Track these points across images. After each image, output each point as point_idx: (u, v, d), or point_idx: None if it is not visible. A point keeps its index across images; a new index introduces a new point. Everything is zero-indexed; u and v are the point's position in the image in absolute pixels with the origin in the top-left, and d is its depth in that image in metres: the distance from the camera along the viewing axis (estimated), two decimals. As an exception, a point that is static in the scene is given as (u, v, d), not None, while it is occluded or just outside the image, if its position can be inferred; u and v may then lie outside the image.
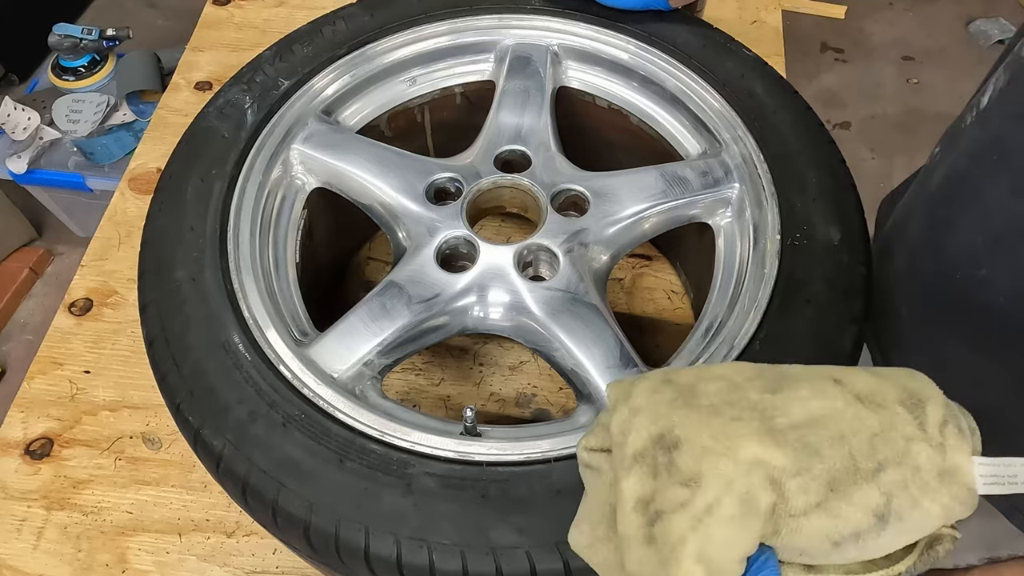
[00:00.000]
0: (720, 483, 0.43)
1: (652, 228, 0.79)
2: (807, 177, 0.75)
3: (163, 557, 0.80)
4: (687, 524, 0.43)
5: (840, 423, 0.45)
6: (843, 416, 0.46)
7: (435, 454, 0.60)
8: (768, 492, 0.43)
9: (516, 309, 0.72)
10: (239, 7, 1.29)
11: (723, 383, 0.47)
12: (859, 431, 0.45)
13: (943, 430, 0.45)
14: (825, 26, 2.58)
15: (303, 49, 0.85)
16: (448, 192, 0.80)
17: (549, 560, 0.54)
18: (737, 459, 0.43)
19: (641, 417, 0.47)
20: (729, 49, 0.85)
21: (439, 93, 0.91)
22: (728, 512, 0.43)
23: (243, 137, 0.78)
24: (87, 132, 1.79)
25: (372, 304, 0.71)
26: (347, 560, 0.56)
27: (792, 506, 0.43)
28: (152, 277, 0.69)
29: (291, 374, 0.64)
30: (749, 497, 0.43)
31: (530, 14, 0.89)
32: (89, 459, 0.86)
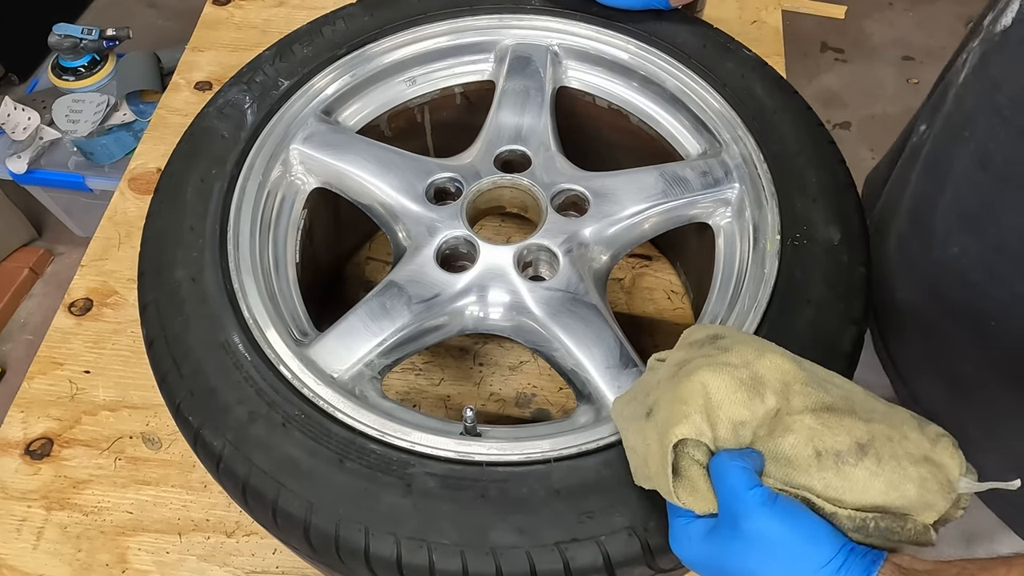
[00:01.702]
0: (743, 357, 0.52)
1: (652, 228, 0.79)
2: (807, 177, 0.74)
3: (163, 557, 0.80)
4: (704, 363, 0.52)
5: (852, 390, 0.53)
6: (856, 390, 0.53)
7: (435, 454, 0.60)
8: (777, 395, 0.50)
9: (516, 309, 0.72)
10: (239, 7, 1.29)
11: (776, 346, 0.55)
12: (864, 401, 0.52)
13: (939, 438, 0.51)
14: (825, 26, 2.58)
15: (303, 49, 0.85)
16: (448, 192, 0.80)
17: (549, 560, 0.54)
18: (762, 355, 0.52)
19: (703, 327, 0.59)
20: (729, 49, 0.85)
21: (439, 93, 0.91)
22: (741, 375, 0.51)
23: (243, 137, 0.78)
24: (87, 132, 1.79)
25: (372, 304, 0.71)
26: (347, 560, 0.56)
27: (792, 406, 0.51)
28: (152, 277, 0.69)
29: (291, 374, 0.64)
30: (761, 380, 0.51)
31: (530, 14, 0.89)
32: (89, 459, 0.86)
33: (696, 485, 0.51)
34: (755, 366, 0.51)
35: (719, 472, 0.50)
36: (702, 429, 0.50)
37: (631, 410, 0.56)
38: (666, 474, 0.51)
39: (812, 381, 0.52)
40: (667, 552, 0.55)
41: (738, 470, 0.49)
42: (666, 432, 0.51)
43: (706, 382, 0.51)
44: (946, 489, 0.49)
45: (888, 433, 0.50)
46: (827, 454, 0.49)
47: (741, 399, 0.50)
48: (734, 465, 0.49)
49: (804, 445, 0.49)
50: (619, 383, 0.67)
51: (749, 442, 0.51)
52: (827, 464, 0.49)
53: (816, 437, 0.49)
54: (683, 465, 0.51)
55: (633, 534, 0.55)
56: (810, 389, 0.51)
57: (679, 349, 0.58)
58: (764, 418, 0.50)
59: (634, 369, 0.68)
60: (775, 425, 0.51)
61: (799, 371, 0.52)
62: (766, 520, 0.47)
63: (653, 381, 0.56)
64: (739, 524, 0.48)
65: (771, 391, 0.51)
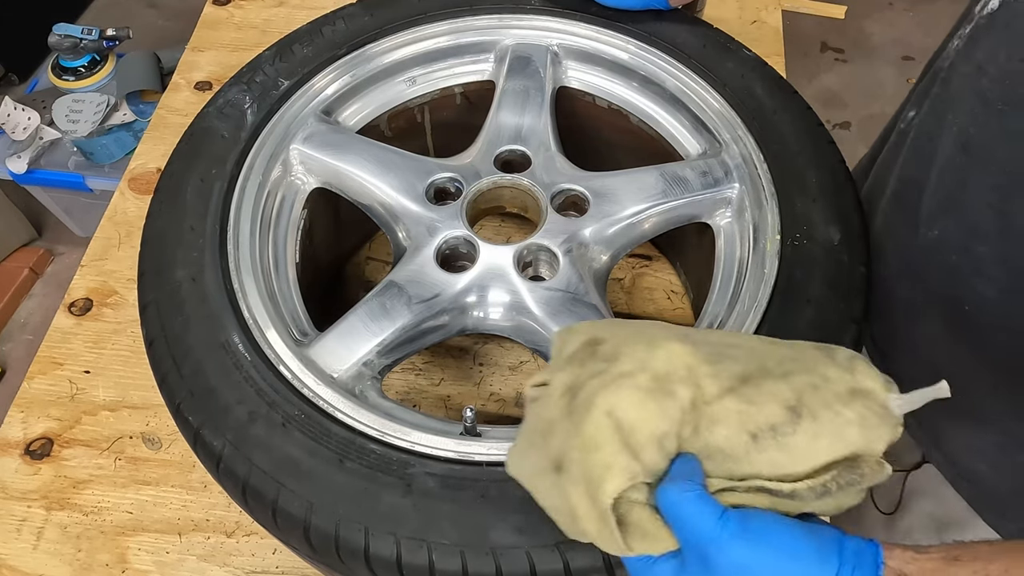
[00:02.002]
0: (636, 361, 0.47)
1: (652, 228, 0.79)
2: (807, 177, 0.74)
3: (163, 557, 0.80)
4: (599, 385, 0.46)
5: (753, 346, 0.50)
6: (756, 343, 0.50)
7: (435, 454, 0.60)
8: (686, 385, 0.46)
9: (516, 309, 0.72)
10: (239, 7, 1.29)
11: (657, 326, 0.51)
12: (771, 353, 0.49)
13: (852, 362, 0.48)
14: (825, 26, 2.58)
15: (303, 49, 0.85)
16: (448, 192, 0.80)
17: (549, 560, 0.54)
18: (655, 347, 0.47)
19: (576, 332, 0.52)
20: (729, 49, 0.85)
21: (439, 93, 0.91)
22: (642, 382, 0.46)
23: (243, 137, 0.78)
24: (87, 132, 1.79)
25: (372, 304, 0.71)
26: (347, 560, 0.56)
27: (707, 393, 0.46)
28: (152, 277, 0.69)
29: (291, 374, 0.64)
30: (665, 377, 0.46)
31: (530, 14, 0.89)
32: (89, 459, 0.86)
33: (645, 529, 0.46)
34: (651, 364, 0.47)
35: (671, 509, 0.45)
36: (632, 470, 0.45)
37: (532, 463, 0.50)
38: (612, 533, 0.46)
39: (714, 357, 0.48)
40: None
41: (692, 501, 0.44)
42: (596, 492, 0.46)
43: (611, 409, 0.46)
44: (882, 416, 0.46)
45: (810, 381, 0.46)
46: (763, 433, 0.45)
47: (653, 411, 0.46)
48: (686, 497, 0.44)
49: (737, 432, 0.45)
50: (619, 383, 0.67)
51: (676, 448, 0.46)
52: (766, 443, 0.45)
53: (745, 419, 0.45)
54: (623, 513, 0.46)
55: (633, 534, 0.55)
56: (718, 367, 0.47)
57: (559, 370, 0.51)
58: (683, 417, 0.46)
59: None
60: (697, 419, 0.46)
61: (697, 351, 0.47)
62: (741, 551, 0.43)
63: (545, 420, 0.50)
64: (710, 561, 0.44)
65: (679, 384, 0.46)
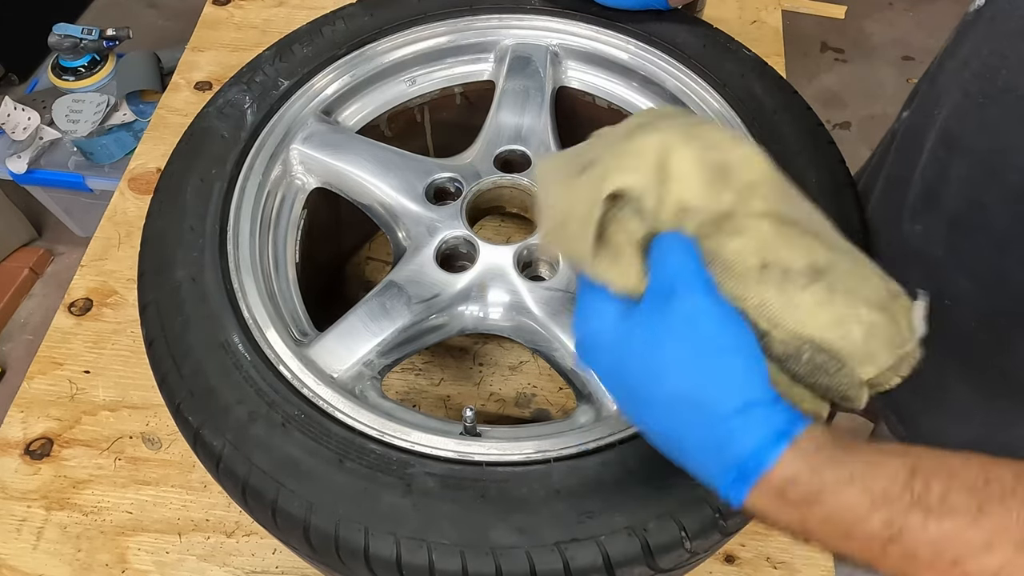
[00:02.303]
0: (716, 138, 0.45)
1: (652, 228, 0.79)
2: (807, 177, 0.74)
3: (163, 557, 0.80)
4: (674, 127, 0.44)
5: (824, 222, 0.47)
6: (828, 224, 0.47)
7: (435, 454, 0.60)
8: (738, 193, 0.43)
9: (516, 309, 0.72)
10: (239, 7, 1.29)
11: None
12: (834, 234, 0.46)
13: (898, 296, 0.46)
14: (825, 26, 2.58)
15: (303, 49, 0.85)
16: (448, 192, 0.80)
17: (549, 560, 0.54)
18: (738, 144, 0.45)
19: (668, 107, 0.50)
20: (729, 49, 0.85)
21: (439, 93, 0.91)
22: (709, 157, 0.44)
23: (243, 137, 0.78)
24: (87, 132, 1.79)
25: (372, 304, 0.71)
26: (347, 560, 0.56)
27: (751, 207, 0.43)
28: (152, 277, 0.69)
29: (291, 374, 0.64)
30: (727, 170, 0.44)
31: (530, 14, 0.89)
32: (89, 459, 0.86)
33: (619, 256, 0.43)
34: (727, 152, 0.44)
35: (663, 249, 0.43)
36: (648, 188, 0.42)
37: (561, 167, 0.47)
38: (587, 232, 0.43)
39: (784, 190, 0.45)
40: (667, 552, 0.55)
41: (688, 249, 0.42)
42: (601, 181, 0.43)
43: (669, 145, 0.43)
44: (894, 344, 0.44)
45: (849, 268, 0.44)
46: (773, 268, 0.42)
47: (699, 181, 0.43)
48: (685, 244, 0.42)
49: (751, 253, 0.43)
50: (619, 383, 0.67)
51: (690, 230, 0.44)
52: (770, 279, 0.42)
53: (767, 247, 0.43)
54: (610, 231, 0.44)
55: (633, 534, 0.55)
56: (778, 196, 0.44)
57: (637, 116, 0.48)
58: (714, 215, 0.43)
59: (634, 369, 0.68)
60: (724, 224, 0.43)
61: (774, 174, 0.45)
62: (708, 306, 0.41)
63: (597, 143, 0.48)
64: (672, 301, 0.41)
65: (732, 187, 0.43)
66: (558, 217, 0.46)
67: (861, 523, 0.39)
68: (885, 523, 0.38)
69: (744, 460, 0.40)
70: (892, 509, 0.38)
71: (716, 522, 0.57)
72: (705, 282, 0.42)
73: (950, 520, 0.37)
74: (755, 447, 0.40)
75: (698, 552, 0.58)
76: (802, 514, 0.40)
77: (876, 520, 0.38)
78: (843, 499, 0.39)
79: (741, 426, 0.41)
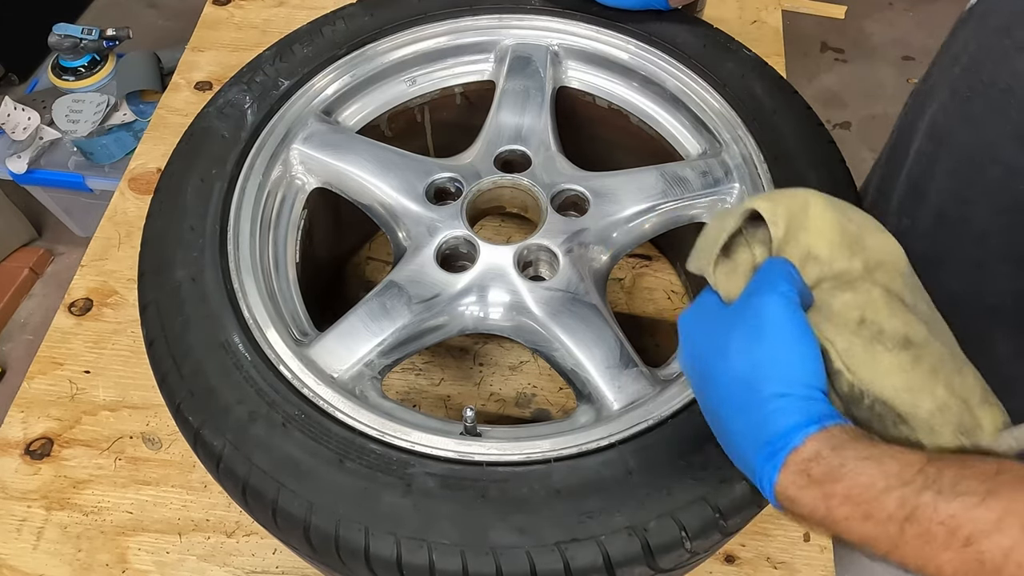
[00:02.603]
0: (861, 220, 0.50)
1: (652, 228, 0.79)
2: (807, 177, 0.74)
3: (163, 557, 0.80)
4: (826, 196, 0.50)
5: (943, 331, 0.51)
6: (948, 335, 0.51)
7: (435, 454, 0.60)
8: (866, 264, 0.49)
9: (516, 309, 0.72)
10: (239, 7, 1.29)
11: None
12: (949, 338, 0.50)
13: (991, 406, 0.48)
14: (825, 26, 2.58)
15: (303, 49, 0.85)
16: (448, 192, 0.80)
17: (549, 560, 0.54)
18: (880, 231, 0.50)
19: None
20: (729, 49, 0.85)
21: (439, 93, 0.91)
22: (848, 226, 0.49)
23: (243, 137, 0.78)
24: (87, 132, 1.79)
25: (372, 304, 0.71)
26: (347, 560, 0.56)
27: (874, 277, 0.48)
28: (152, 277, 0.69)
29: (291, 374, 0.64)
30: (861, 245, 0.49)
31: (530, 14, 0.89)
32: (89, 459, 0.86)
33: (736, 269, 0.50)
34: (866, 231, 0.49)
35: (767, 265, 0.49)
36: (776, 216, 0.48)
37: (728, 208, 0.56)
38: (716, 243, 0.49)
39: (910, 281, 0.49)
40: (667, 552, 0.55)
41: (785, 270, 0.48)
42: (738, 208, 0.49)
43: (814, 203, 0.48)
44: (961, 430, 0.47)
45: (944, 355, 0.48)
46: (870, 325, 0.47)
47: (831, 240, 0.48)
48: (785, 266, 0.48)
49: (854, 307, 0.47)
50: (619, 383, 0.67)
51: (812, 277, 0.49)
52: (863, 333, 0.47)
53: (870, 307, 0.47)
54: (737, 251, 0.50)
55: (633, 534, 0.55)
56: (901, 281, 0.49)
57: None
58: (838, 274, 0.48)
59: (634, 369, 0.68)
60: (842, 283, 0.48)
61: (907, 266, 0.50)
62: (775, 306, 0.46)
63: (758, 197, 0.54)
64: (750, 298, 0.48)
65: (862, 259, 0.48)
66: (702, 240, 0.53)
67: (878, 501, 0.41)
68: (899, 502, 0.40)
69: (777, 438, 0.44)
70: (906, 489, 0.40)
71: (716, 522, 0.57)
72: (786, 290, 0.47)
73: (960, 500, 0.39)
74: (788, 427, 0.44)
75: (698, 552, 0.58)
76: (824, 493, 0.42)
77: (891, 499, 0.40)
78: (861, 477, 0.41)
79: (781, 408, 0.44)
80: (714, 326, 0.50)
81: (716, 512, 0.57)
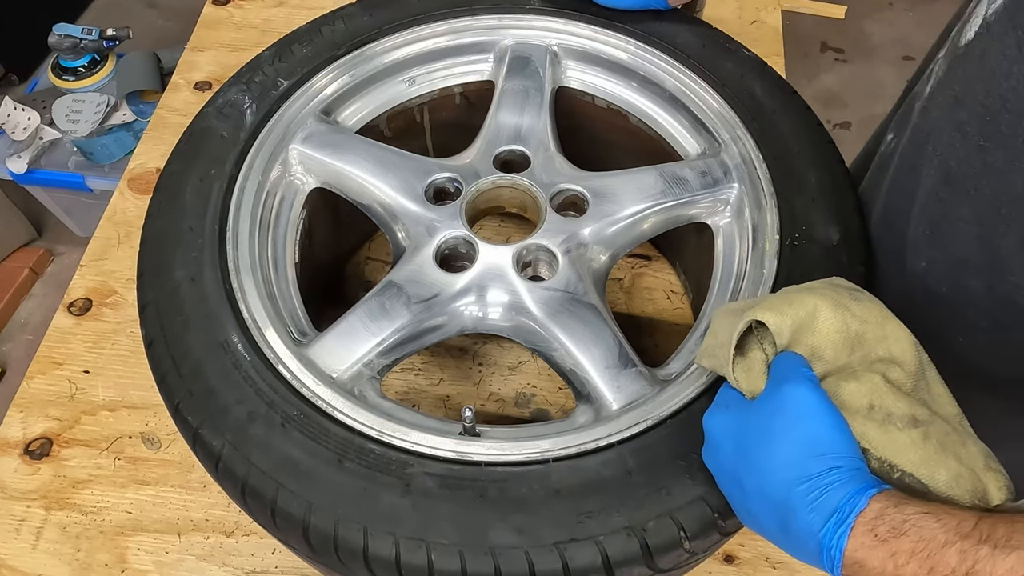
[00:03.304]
0: (865, 313, 0.54)
1: (651, 228, 0.79)
2: (806, 177, 0.74)
3: (162, 557, 0.80)
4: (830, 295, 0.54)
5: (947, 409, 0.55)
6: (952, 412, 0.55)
7: (434, 454, 0.60)
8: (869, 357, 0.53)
9: (515, 309, 0.72)
10: (239, 7, 1.29)
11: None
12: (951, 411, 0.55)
13: (994, 472, 0.52)
14: (825, 26, 2.58)
15: (302, 49, 0.85)
16: (447, 192, 0.80)
17: (548, 560, 0.54)
18: (886, 322, 0.54)
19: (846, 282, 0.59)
20: (729, 49, 0.85)
21: (438, 93, 0.91)
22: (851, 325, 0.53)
23: (242, 137, 0.78)
24: (87, 132, 1.79)
25: (371, 304, 0.71)
26: (346, 560, 0.56)
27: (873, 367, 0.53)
28: (151, 277, 0.69)
29: (290, 374, 0.64)
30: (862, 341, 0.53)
31: (529, 14, 0.89)
32: (88, 459, 0.86)
33: (752, 367, 0.54)
34: (868, 328, 0.53)
35: (781, 358, 0.52)
36: (782, 327, 0.52)
37: (731, 308, 0.58)
38: (730, 346, 0.53)
39: (915, 371, 0.53)
40: (665, 552, 0.55)
41: (798, 359, 0.52)
42: (750, 313, 0.53)
43: (819, 307, 0.52)
44: (975, 496, 0.50)
45: (948, 431, 0.51)
46: (879, 410, 0.50)
47: (835, 341, 0.52)
48: (797, 357, 0.52)
49: (862, 395, 0.51)
50: (618, 383, 0.67)
51: (818, 371, 0.53)
52: (874, 417, 0.50)
53: (876, 394, 0.51)
54: (749, 347, 0.54)
55: (632, 534, 0.55)
56: (903, 372, 0.53)
57: (811, 283, 0.58)
58: (840, 368, 0.53)
59: (633, 369, 0.68)
60: (846, 375, 0.52)
61: (911, 345, 0.53)
62: (808, 391, 0.49)
63: (766, 295, 0.59)
64: (779, 387, 0.51)
65: (862, 353, 0.52)
66: (713, 339, 0.57)
67: (941, 555, 0.42)
68: (960, 556, 0.41)
69: (842, 505, 0.46)
70: (965, 543, 0.42)
71: (715, 522, 0.57)
72: (807, 375, 0.51)
73: (1017, 554, 0.40)
74: (851, 493, 0.46)
75: (697, 552, 0.58)
76: (891, 551, 0.44)
77: (953, 553, 0.42)
78: (923, 531, 0.43)
79: (839, 479, 0.47)
80: (747, 420, 0.52)
81: (715, 512, 0.57)
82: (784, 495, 0.48)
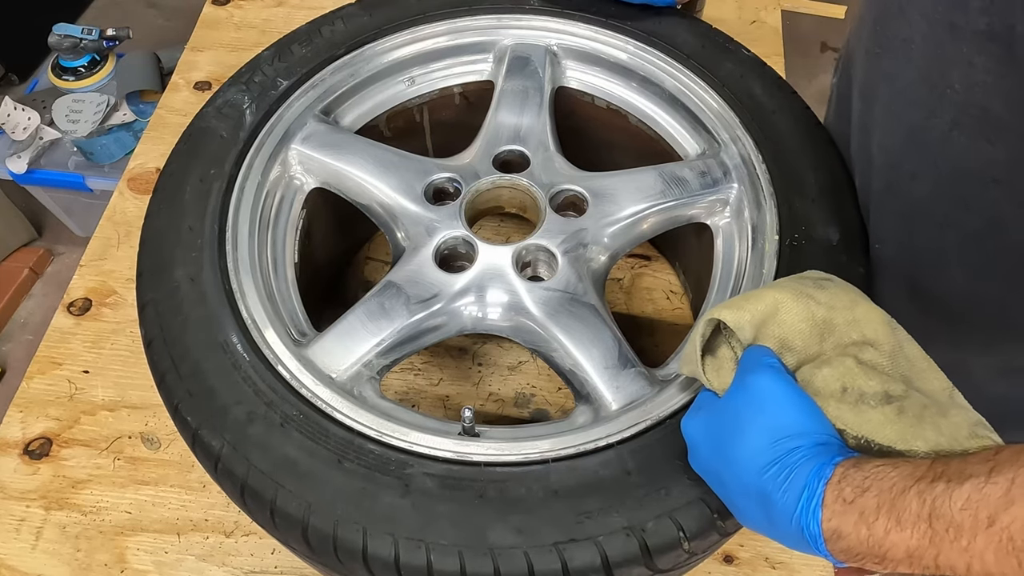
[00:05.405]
0: (832, 300, 0.55)
1: (651, 228, 0.79)
2: (806, 177, 0.74)
3: (162, 557, 0.80)
4: (792, 287, 0.56)
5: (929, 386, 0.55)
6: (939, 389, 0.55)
7: (433, 454, 0.60)
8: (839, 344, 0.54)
9: (515, 309, 0.72)
10: (239, 7, 1.29)
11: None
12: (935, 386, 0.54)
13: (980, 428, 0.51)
14: (825, 26, 2.57)
15: (302, 49, 0.85)
16: (447, 192, 0.80)
17: (547, 560, 0.54)
18: (855, 305, 0.55)
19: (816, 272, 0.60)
20: (728, 49, 0.85)
21: (438, 93, 0.91)
22: (816, 313, 0.54)
23: (242, 137, 0.78)
24: (87, 132, 1.79)
25: (371, 304, 0.71)
26: (345, 560, 0.56)
27: (846, 350, 0.53)
28: (151, 277, 0.69)
29: (289, 374, 0.64)
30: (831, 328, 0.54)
31: (529, 14, 0.89)
32: (88, 459, 0.86)
33: (722, 366, 0.55)
34: (838, 312, 0.54)
35: (745, 352, 0.54)
36: (742, 322, 0.54)
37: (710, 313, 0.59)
38: (696, 347, 0.55)
39: (892, 349, 0.54)
40: (665, 552, 0.55)
41: (762, 350, 0.53)
42: (711, 314, 0.55)
43: (781, 299, 0.54)
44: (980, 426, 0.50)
45: (926, 403, 0.51)
46: (852, 392, 0.51)
47: (802, 331, 0.54)
48: (761, 348, 0.53)
49: (834, 380, 0.51)
50: (618, 383, 0.67)
51: (792, 362, 0.54)
52: (847, 399, 0.51)
53: (848, 376, 0.51)
54: (719, 350, 0.56)
55: (631, 534, 0.55)
56: (882, 355, 0.53)
57: (780, 279, 0.60)
58: (811, 357, 0.54)
59: (632, 369, 0.68)
60: (819, 363, 0.53)
61: (884, 322, 0.54)
62: (769, 378, 0.51)
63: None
64: (743, 379, 0.52)
65: (832, 340, 0.53)
66: (689, 347, 0.58)
67: (902, 501, 0.42)
68: (920, 499, 0.42)
69: (811, 480, 0.46)
70: (921, 483, 0.42)
71: (714, 522, 0.57)
72: (773, 362, 0.52)
73: (970, 483, 0.40)
74: (817, 467, 0.47)
75: (696, 552, 0.58)
76: (861, 511, 0.44)
77: (912, 496, 0.42)
78: (884, 481, 0.44)
79: (805, 456, 0.47)
80: (718, 416, 0.53)
81: (714, 512, 0.57)
82: (759, 483, 0.48)
